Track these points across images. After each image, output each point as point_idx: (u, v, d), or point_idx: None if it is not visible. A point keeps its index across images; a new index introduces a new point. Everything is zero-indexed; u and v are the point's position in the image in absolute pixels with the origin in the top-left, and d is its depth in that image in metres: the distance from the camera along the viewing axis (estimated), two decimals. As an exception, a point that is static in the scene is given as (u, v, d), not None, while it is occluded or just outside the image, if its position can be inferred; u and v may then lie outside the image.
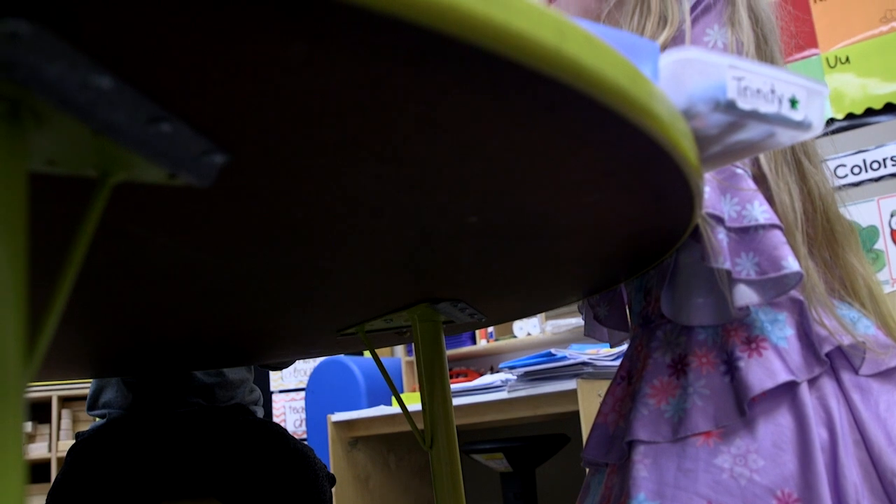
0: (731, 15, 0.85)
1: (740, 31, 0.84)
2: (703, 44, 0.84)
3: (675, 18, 0.85)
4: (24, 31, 0.31)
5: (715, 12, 0.86)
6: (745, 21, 0.84)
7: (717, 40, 0.84)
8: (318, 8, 0.31)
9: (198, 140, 0.42)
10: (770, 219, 0.76)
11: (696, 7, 0.86)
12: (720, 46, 0.83)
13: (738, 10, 0.85)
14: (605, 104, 0.42)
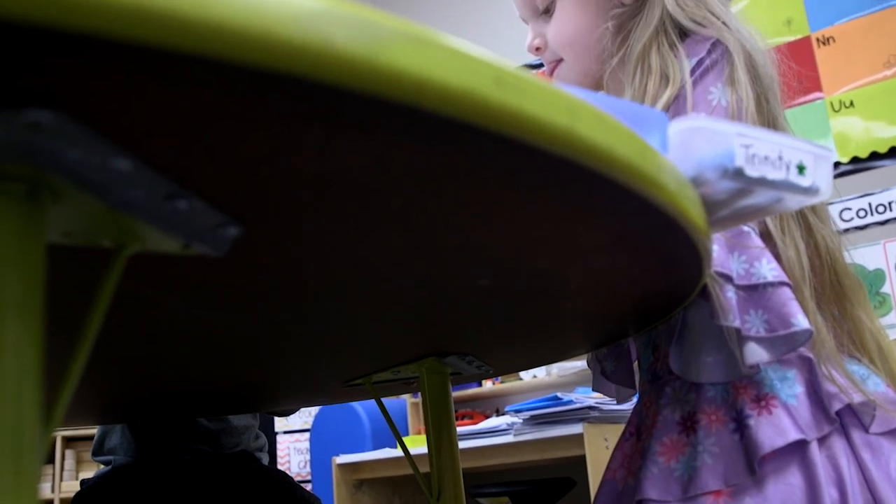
0: (731, 74, 0.86)
1: (739, 90, 0.85)
2: (706, 103, 0.84)
3: (676, 77, 0.86)
4: (45, 121, 0.31)
5: (716, 72, 0.86)
6: (743, 80, 0.85)
7: (721, 99, 0.85)
8: (335, 97, 0.31)
9: (213, 214, 0.43)
10: (778, 276, 0.76)
11: (698, 68, 0.87)
12: (723, 105, 0.84)
13: (736, 69, 0.86)
14: (615, 179, 0.43)
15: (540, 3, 1.02)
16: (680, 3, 0.92)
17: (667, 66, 0.87)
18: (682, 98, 0.85)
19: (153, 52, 0.27)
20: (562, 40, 1.00)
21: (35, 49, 0.27)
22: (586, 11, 0.98)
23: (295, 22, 0.29)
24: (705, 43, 0.89)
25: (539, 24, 1.03)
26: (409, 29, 0.32)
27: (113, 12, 0.26)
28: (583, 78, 1.02)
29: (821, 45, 2.98)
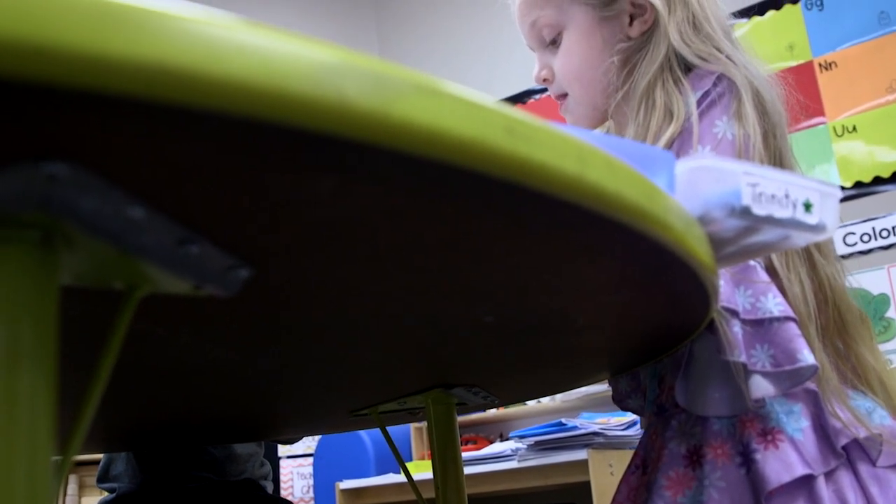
0: (738, 109, 0.86)
1: (746, 125, 0.85)
2: (712, 136, 0.85)
3: (680, 113, 0.86)
4: (61, 173, 0.32)
5: (722, 105, 0.87)
6: (750, 115, 0.85)
7: (727, 132, 0.85)
8: (348, 149, 0.31)
9: (224, 257, 0.43)
10: (784, 311, 0.77)
11: (703, 101, 0.87)
12: (729, 138, 0.84)
13: (743, 104, 0.86)
14: (624, 222, 0.43)
15: (546, 35, 1.02)
16: (686, 40, 0.92)
17: (671, 102, 0.87)
18: (686, 131, 0.85)
19: (169, 109, 0.28)
20: (568, 73, 1.01)
21: (53, 105, 0.27)
22: (592, 45, 0.99)
23: (308, 77, 0.29)
24: (710, 76, 0.89)
25: (546, 55, 1.04)
26: (421, 80, 0.33)
27: (130, 72, 0.26)
28: (590, 111, 1.02)
29: (823, 71, 2.99)
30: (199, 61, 0.27)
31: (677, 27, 0.93)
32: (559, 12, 1.00)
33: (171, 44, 0.27)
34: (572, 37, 1.00)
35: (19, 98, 0.27)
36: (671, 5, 0.94)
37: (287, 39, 0.29)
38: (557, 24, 1.00)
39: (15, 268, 0.36)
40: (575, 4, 0.99)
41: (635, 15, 0.97)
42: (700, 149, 0.83)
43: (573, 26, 0.99)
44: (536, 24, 1.02)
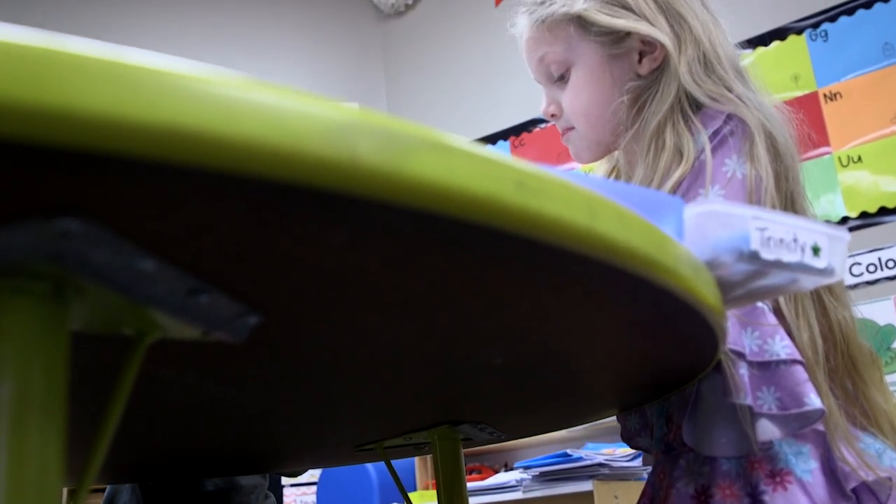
0: (750, 150, 0.86)
1: (759, 166, 0.85)
2: (721, 174, 0.85)
3: (690, 154, 0.86)
4: (74, 229, 0.32)
5: (732, 143, 0.87)
6: (763, 157, 0.85)
7: (736, 171, 0.85)
8: (360, 205, 0.32)
9: (233, 305, 0.43)
10: (791, 354, 0.76)
11: (713, 139, 0.87)
12: (739, 178, 0.84)
13: (756, 146, 0.86)
14: (633, 272, 0.43)
15: (555, 71, 1.02)
16: (696, 79, 0.92)
17: (681, 142, 0.87)
18: (697, 169, 0.85)
19: (183, 170, 0.28)
20: (576, 110, 1.01)
21: (68, 165, 0.28)
22: (601, 82, 0.98)
23: (321, 136, 0.29)
24: (721, 115, 0.89)
25: (554, 91, 1.04)
26: (432, 137, 0.33)
27: (145, 135, 0.26)
28: (595, 146, 1.02)
29: (828, 101, 3.00)
30: (213, 122, 0.27)
31: (687, 66, 0.93)
32: (567, 49, 1.00)
33: (185, 105, 0.27)
34: (581, 74, 1.00)
35: (35, 158, 0.27)
36: (681, 44, 0.94)
37: (299, 98, 0.30)
38: (566, 61, 1.00)
39: (26, 317, 0.36)
40: (584, 41, 0.99)
41: (645, 52, 0.97)
42: (710, 187, 0.83)
43: (581, 63, 0.99)
44: (544, 59, 1.02)
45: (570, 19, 0.98)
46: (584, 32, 0.98)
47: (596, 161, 1.07)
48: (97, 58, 0.27)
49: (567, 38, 0.99)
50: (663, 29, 0.94)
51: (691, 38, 0.94)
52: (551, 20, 1.00)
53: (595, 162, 1.08)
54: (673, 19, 0.95)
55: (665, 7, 0.96)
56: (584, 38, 0.99)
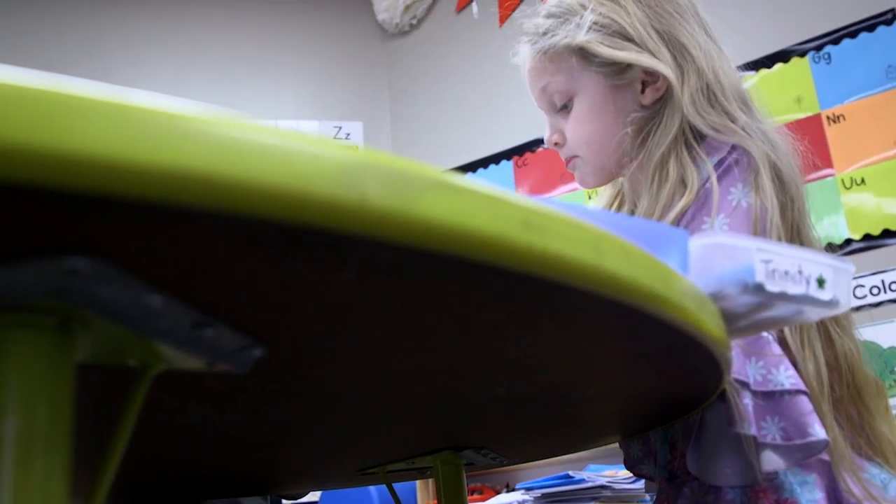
0: (755, 181, 0.86)
1: (764, 197, 0.85)
2: (727, 203, 0.85)
3: (694, 184, 0.86)
4: (82, 267, 0.32)
5: (737, 172, 0.87)
6: (768, 188, 0.85)
7: (742, 200, 0.85)
8: (367, 245, 0.32)
9: (238, 337, 0.43)
10: (796, 384, 0.76)
11: (718, 168, 0.87)
12: (744, 206, 0.84)
13: (760, 177, 0.86)
14: (639, 307, 0.43)
15: (558, 101, 1.02)
16: (699, 110, 0.92)
17: (685, 173, 0.87)
18: (701, 198, 0.85)
19: (192, 212, 0.28)
20: (580, 140, 1.01)
21: (77, 206, 0.28)
22: (604, 113, 0.99)
23: (330, 179, 0.29)
24: (726, 146, 0.89)
25: (557, 120, 1.04)
26: (440, 177, 0.33)
27: (154, 179, 0.26)
28: (600, 171, 1.02)
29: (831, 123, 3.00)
30: (222, 165, 0.28)
31: (690, 97, 0.93)
32: (570, 79, 1.00)
33: (194, 148, 0.27)
34: (584, 103, 1.00)
35: (43, 199, 0.27)
36: (684, 74, 0.94)
37: (308, 141, 0.30)
38: (568, 91, 1.01)
39: (31, 351, 0.37)
40: (586, 72, 0.99)
41: (647, 83, 0.97)
42: (716, 216, 0.83)
43: (584, 93, 0.99)
44: (547, 89, 1.02)
45: (572, 50, 0.98)
46: (586, 63, 0.98)
47: (600, 186, 1.08)
48: (105, 101, 0.27)
49: (569, 68, 1.00)
50: (665, 60, 0.95)
51: (694, 68, 0.94)
52: (553, 51, 1.00)
53: (600, 187, 1.08)
54: (675, 50, 0.96)
55: (667, 38, 0.96)
56: (586, 69, 0.99)
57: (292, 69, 3.44)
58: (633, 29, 0.96)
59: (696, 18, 1.00)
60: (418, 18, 3.54)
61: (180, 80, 3.33)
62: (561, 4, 1.01)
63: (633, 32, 0.96)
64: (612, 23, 0.97)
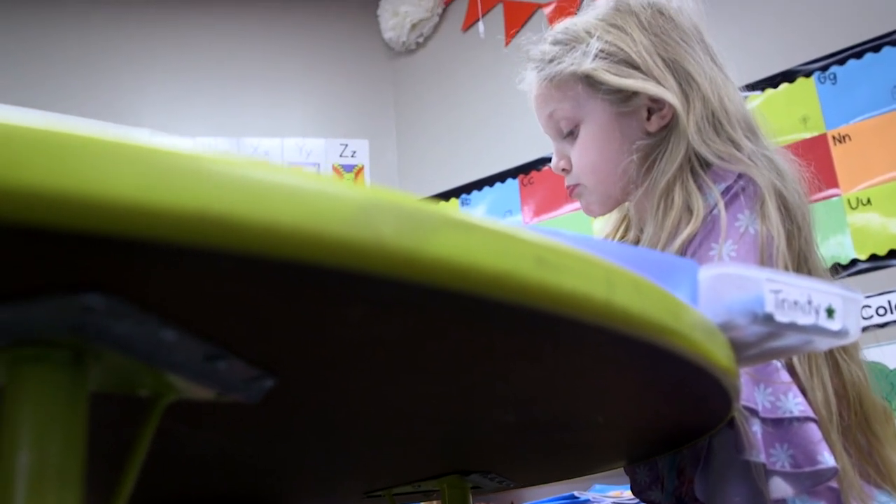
0: (761, 209, 0.86)
1: (770, 226, 0.85)
2: (734, 229, 0.85)
3: (700, 212, 0.86)
4: (97, 304, 0.32)
5: (744, 199, 0.87)
6: (774, 217, 0.85)
7: (749, 227, 0.85)
8: (381, 284, 0.32)
9: (249, 369, 0.43)
10: (804, 411, 0.76)
11: (725, 195, 0.87)
12: (751, 233, 0.84)
13: (766, 206, 0.86)
14: (650, 341, 0.43)
15: (564, 127, 1.02)
16: (705, 139, 0.92)
17: (691, 200, 0.88)
18: (708, 224, 0.86)
19: (208, 253, 0.28)
20: (586, 166, 1.01)
21: (94, 247, 0.28)
22: (610, 140, 0.99)
23: (345, 219, 0.30)
24: (732, 173, 0.89)
25: (563, 146, 1.04)
26: (454, 216, 0.33)
27: (172, 222, 0.27)
28: (605, 200, 1.02)
29: (837, 143, 3.00)
30: (240, 207, 0.28)
31: (696, 125, 0.93)
32: (577, 106, 1.00)
33: (212, 190, 0.28)
34: (589, 131, 1.00)
35: (62, 240, 0.27)
36: (690, 102, 0.94)
37: (323, 181, 0.30)
38: (575, 118, 1.01)
39: (45, 385, 0.37)
40: (592, 99, 0.99)
41: (653, 110, 0.97)
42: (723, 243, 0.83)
43: (590, 120, 1.00)
44: (554, 115, 1.03)
45: (578, 78, 0.99)
46: (592, 91, 0.99)
47: (606, 214, 1.08)
48: (122, 143, 0.27)
49: (576, 96, 1.00)
50: (671, 88, 0.95)
51: (699, 95, 0.95)
52: (559, 78, 1.00)
53: (605, 215, 1.08)
54: (681, 77, 0.96)
55: (673, 65, 0.96)
56: (592, 97, 0.99)
57: (299, 87, 3.46)
58: (639, 56, 0.96)
59: (702, 45, 1.00)
60: (425, 37, 3.55)
61: (186, 97, 3.34)
62: (567, 32, 1.02)
63: (639, 60, 0.96)
64: (618, 50, 0.97)
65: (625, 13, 1.00)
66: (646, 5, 1.00)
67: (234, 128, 3.31)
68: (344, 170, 3.39)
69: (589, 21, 1.01)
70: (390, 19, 3.48)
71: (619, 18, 0.99)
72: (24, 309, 0.32)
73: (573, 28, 1.02)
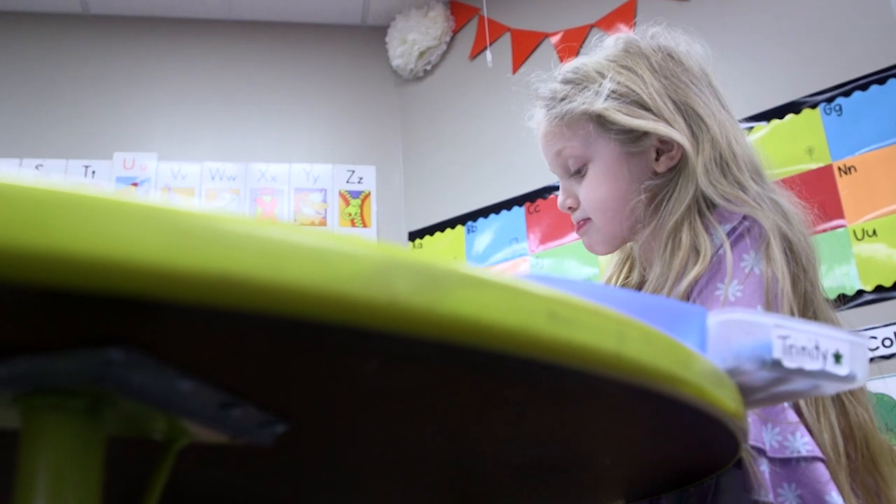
0: (766, 251, 0.86)
1: (775, 268, 0.85)
2: (740, 270, 0.85)
3: (707, 253, 0.86)
4: (117, 357, 0.32)
5: (749, 240, 0.87)
6: (779, 260, 0.86)
7: (754, 267, 0.85)
8: (395, 340, 0.32)
9: (262, 415, 0.44)
10: (812, 451, 0.76)
11: (730, 235, 0.88)
12: (757, 273, 0.85)
13: (772, 248, 0.86)
14: (659, 391, 0.44)
15: (572, 165, 1.03)
16: (712, 180, 0.93)
17: (698, 241, 0.88)
18: (714, 265, 0.86)
19: (228, 312, 0.29)
20: (594, 205, 1.01)
21: (118, 308, 0.28)
22: (618, 179, 0.99)
23: (362, 279, 0.30)
24: (737, 215, 0.90)
25: (570, 184, 1.05)
26: (468, 273, 0.33)
27: (194, 283, 0.27)
28: (611, 240, 1.03)
29: (842, 174, 3.01)
30: (260, 268, 0.28)
31: (704, 166, 0.93)
32: (585, 145, 1.01)
33: (232, 252, 0.28)
34: (598, 169, 1.00)
35: (86, 300, 0.28)
36: (699, 143, 0.95)
37: (341, 241, 0.30)
38: (584, 156, 1.01)
39: (62, 432, 0.37)
40: (602, 138, 1.00)
41: (662, 151, 0.98)
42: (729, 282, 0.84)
43: (599, 159, 1.00)
44: (562, 154, 1.03)
45: (589, 117, 0.99)
46: (602, 130, 0.99)
47: (610, 254, 1.08)
48: (144, 206, 0.28)
49: (586, 135, 1.00)
50: (681, 129, 0.96)
51: (708, 137, 0.95)
52: (570, 117, 1.01)
53: (609, 254, 1.09)
54: (691, 119, 0.97)
55: (683, 107, 0.97)
56: (602, 136, 1.00)
57: (307, 112, 3.47)
58: (650, 98, 0.97)
59: (710, 89, 1.01)
60: (432, 64, 3.57)
61: (194, 122, 3.36)
62: (577, 71, 1.03)
63: (650, 101, 0.97)
64: (629, 91, 0.98)
65: (635, 55, 1.01)
66: (656, 48, 1.01)
67: (241, 153, 3.32)
68: (350, 195, 3.40)
69: (599, 62, 1.02)
70: (398, 47, 3.51)
71: (630, 60, 1.00)
72: (46, 360, 0.33)
73: (584, 68, 1.02)
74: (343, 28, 3.59)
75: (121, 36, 3.41)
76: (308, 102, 3.48)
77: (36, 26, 3.35)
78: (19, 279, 0.26)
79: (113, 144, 3.26)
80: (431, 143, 3.53)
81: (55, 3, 3.33)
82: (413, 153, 3.55)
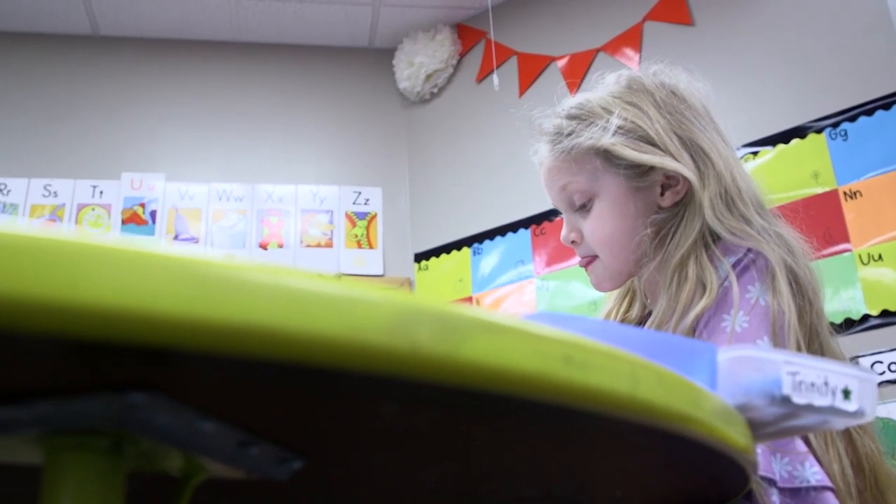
0: (772, 283, 0.87)
1: (781, 300, 0.86)
2: (745, 301, 0.86)
3: (713, 286, 0.87)
4: (139, 401, 0.33)
5: (754, 271, 0.88)
6: (785, 293, 0.86)
7: (759, 298, 0.86)
8: (415, 385, 0.33)
9: (280, 451, 0.44)
10: (822, 480, 0.76)
11: (735, 267, 0.88)
12: (762, 304, 0.85)
13: (777, 280, 0.87)
14: (671, 430, 0.44)
15: (577, 200, 1.03)
16: (718, 215, 0.94)
17: (704, 275, 0.89)
18: (720, 297, 0.86)
19: (252, 362, 0.29)
20: (600, 240, 1.02)
21: (143, 357, 0.29)
22: (625, 213, 1.00)
23: (384, 327, 0.31)
24: (743, 247, 0.91)
25: (574, 218, 1.05)
26: (486, 319, 0.34)
27: (218, 334, 0.28)
28: (618, 276, 1.03)
29: (848, 199, 3.01)
30: (284, 318, 0.29)
31: (710, 201, 0.94)
32: (591, 179, 1.01)
33: (255, 303, 0.29)
34: (605, 204, 1.01)
35: (110, 350, 0.28)
36: (704, 179, 0.96)
37: (363, 290, 0.31)
38: (589, 191, 1.02)
39: (84, 471, 0.38)
40: (608, 173, 1.00)
41: (667, 186, 0.99)
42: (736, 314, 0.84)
43: (605, 194, 1.01)
44: (567, 188, 1.03)
45: (596, 152, 1.00)
46: (608, 165, 1.00)
47: (616, 289, 1.09)
48: (167, 256, 0.28)
49: (593, 170, 1.01)
50: (687, 164, 0.96)
51: (713, 173, 0.96)
52: (577, 152, 1.01)
53: (614, 290, 1.09)
54: (696, 155, 0.97)
55: (688, 143, 0.98)
56: (608, 171, 1.00)
57: (314, 134, 3.49)
58: (656, 134, 0.98)
59: (713, 125, 1.02)
60: (439, 87, 3.58)
61: (202, 144, 3.38)
62: (583, 107, 1.03)
63: (656, 137, 0.98)
64: (636, 127, 0.99)
65: (639, 92, 1.02)
66: (659, 85, 1.02)
67: (248, 174, 3.34)
68: (357, 217, 3.41)
69: (604, 98, 1.03)
70: (405, 69, 3.52)
71: (635, 97, 1.01)
72: (70, 404, 0.33)
73: (588, 104, 1.03)
74: (350, 50, 3.61)
75: (130, 57, 3.43)
76: (315, 124, 3.49)
77: (46, 47, 3.38)
78: (47, 331, 0.26)
79: (121, 165, 3.27)
80: (438, 165, 3.54)
81: (65, 25, 3.36)
82: (419, 175, 3.56)
